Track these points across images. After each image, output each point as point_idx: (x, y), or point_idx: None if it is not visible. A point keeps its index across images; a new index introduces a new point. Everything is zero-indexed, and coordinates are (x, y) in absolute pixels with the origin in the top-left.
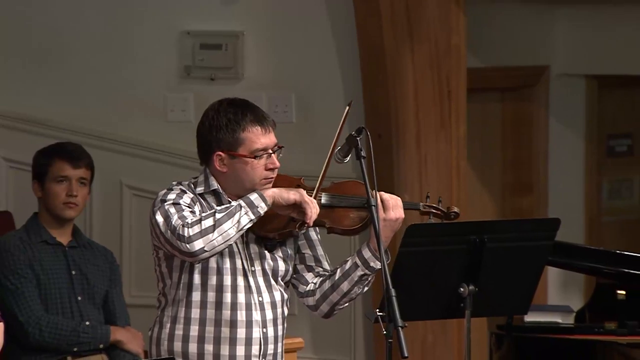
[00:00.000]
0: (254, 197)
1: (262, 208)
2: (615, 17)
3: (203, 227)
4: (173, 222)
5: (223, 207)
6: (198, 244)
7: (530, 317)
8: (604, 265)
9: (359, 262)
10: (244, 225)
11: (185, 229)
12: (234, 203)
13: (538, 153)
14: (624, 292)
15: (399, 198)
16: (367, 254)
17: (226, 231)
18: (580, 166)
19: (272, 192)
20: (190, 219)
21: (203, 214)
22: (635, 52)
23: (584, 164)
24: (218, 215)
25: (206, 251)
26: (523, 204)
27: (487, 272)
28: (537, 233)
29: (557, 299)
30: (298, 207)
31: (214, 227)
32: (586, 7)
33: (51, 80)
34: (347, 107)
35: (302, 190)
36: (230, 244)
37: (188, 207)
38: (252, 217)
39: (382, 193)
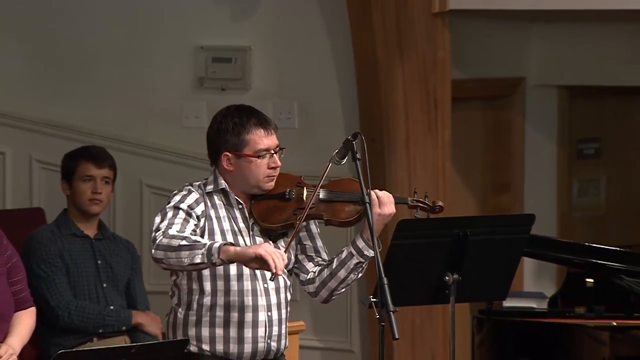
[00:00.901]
0: (215, 247)
1: (215, 258)
2: (584, 34)
3: (170, 244)
4: (160, 223)
5: (194, 239)
6: (159, 254)
7: (508, 303)
8: (574, 256)
9: (354, 252)
10: (196, 263)
11: (161, 237)
12: (203, 241)
13: (515, 156)
14: (592, 280)
15: (390, 195)
16: (360, 243)
17: (181, 258)
18: (553, 167)
19: (234, 250)
20: (171, 230)
21: (180, 234)
22: (601, 65)
23: (556, 166)
24: (184, 243)
25: (163, 263)
26: (502, 202)
27: (469, 263)
28: (514, 227)
29: (532, 286)
30: (260, 260)
31: (175, 250)
32: (558, 25)
33: (79, 90)
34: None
35: (266, 244)
36: (235, 242)
37: (189, 208)
38: (205, 260)
39: (377, 190)
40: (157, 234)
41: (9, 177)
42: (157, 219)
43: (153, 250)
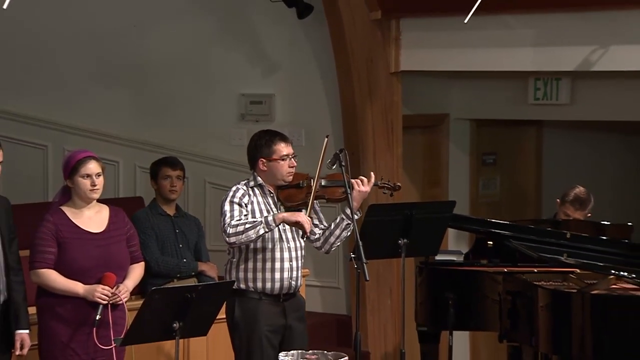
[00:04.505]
0: (270, 219)
1: (272, 226)
2: (486, 86)
3: (237, 230)
4: (225, 218)
5: (251, 220)
6: (232, 239)
7: (438, 257)
8: (479, 227)
9: (344, 217)
10: (261, 234)
11: (228, 227)
12: (258, 219)
13: (442, 164)
14: (491, 243)
15: (371, 181)
16: (347, 211)
17: (249, 236)
18: (467, 171)
19: (282, 217)
20: (235, 220)
21: (241, 220)
22: (497, 106)
23: (469, 170)
24: (248, 226)
25: (236, 244)
26: (434, 193)
27: (414, 231)
28: (442, 209)
29: (453, 246)
30: (298, 224)
31: (243, 232)
32: (470, 80)
33: (163, 120)
34: (326, 139)
35: (301, 214)
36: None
37: (239, 200)
38: (266, 230)
39: (361, 177)
40: (225, 226)
41: (121, 177)
42: (222, 216)
43: (227, 238)
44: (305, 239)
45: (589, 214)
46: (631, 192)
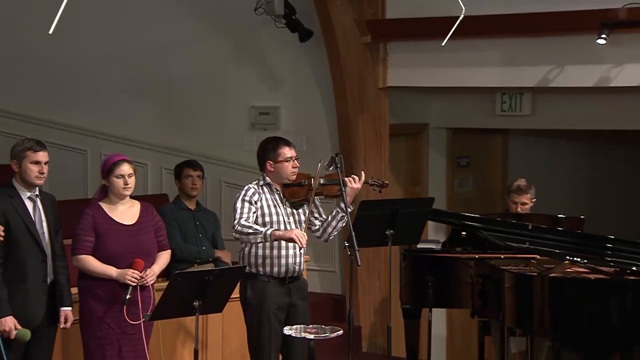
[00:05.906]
0: (268, 233)
1: (268, 239)
2: (461, 99)
3: (242, 231)
4: (236, 215)
5: (255, 228)
6: (236, 235)
7: (419, 245)
8: (454, 220)
9: (339, 210)
10: (258, 242)
11: (237, 225)
12: (260, 229)
13: (423, 166)
14: (465, 233)
15: (361, 179)
16: (342, 205)
17: (249, 239)
18: (444, 172)
19: (278, 234)
20: (243, 219)
21: (248, 222)
22: (470, 117)
23: (445, 171)
24: (251, 231)
25: (239, 240)
26: (416, 191)
27: (399, 224)
28: (423, 204)
29: (432, 236)
30: (293, 240)
31: (246, 235)
32: (446, 94)
33: (185, 128)
34: (319, 164)
35: (296, 230)
36: (277, 212)
37: (250, 198)
38: (263, 240)
39: (353, 176)
40: (234, 222)
41: (149, 177)
42: (234, 212)
43: (234, 233)
44: (301, 250)
45: (534, 199)
46: (582, 189)
